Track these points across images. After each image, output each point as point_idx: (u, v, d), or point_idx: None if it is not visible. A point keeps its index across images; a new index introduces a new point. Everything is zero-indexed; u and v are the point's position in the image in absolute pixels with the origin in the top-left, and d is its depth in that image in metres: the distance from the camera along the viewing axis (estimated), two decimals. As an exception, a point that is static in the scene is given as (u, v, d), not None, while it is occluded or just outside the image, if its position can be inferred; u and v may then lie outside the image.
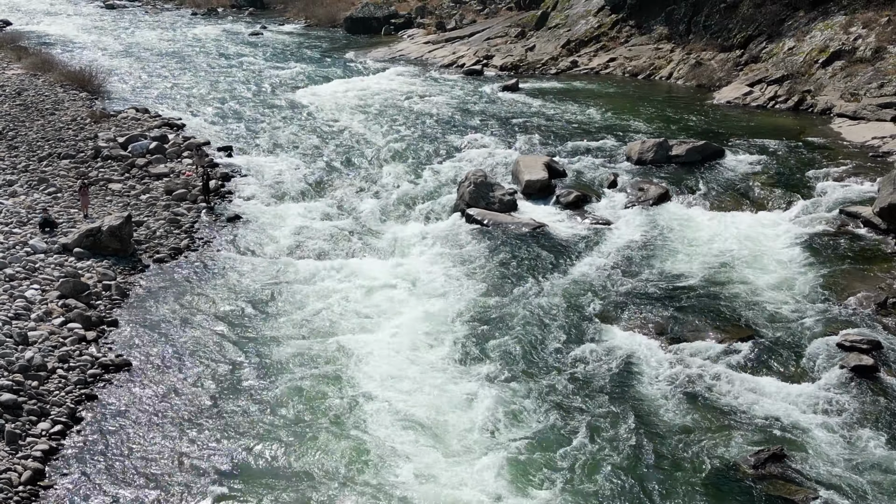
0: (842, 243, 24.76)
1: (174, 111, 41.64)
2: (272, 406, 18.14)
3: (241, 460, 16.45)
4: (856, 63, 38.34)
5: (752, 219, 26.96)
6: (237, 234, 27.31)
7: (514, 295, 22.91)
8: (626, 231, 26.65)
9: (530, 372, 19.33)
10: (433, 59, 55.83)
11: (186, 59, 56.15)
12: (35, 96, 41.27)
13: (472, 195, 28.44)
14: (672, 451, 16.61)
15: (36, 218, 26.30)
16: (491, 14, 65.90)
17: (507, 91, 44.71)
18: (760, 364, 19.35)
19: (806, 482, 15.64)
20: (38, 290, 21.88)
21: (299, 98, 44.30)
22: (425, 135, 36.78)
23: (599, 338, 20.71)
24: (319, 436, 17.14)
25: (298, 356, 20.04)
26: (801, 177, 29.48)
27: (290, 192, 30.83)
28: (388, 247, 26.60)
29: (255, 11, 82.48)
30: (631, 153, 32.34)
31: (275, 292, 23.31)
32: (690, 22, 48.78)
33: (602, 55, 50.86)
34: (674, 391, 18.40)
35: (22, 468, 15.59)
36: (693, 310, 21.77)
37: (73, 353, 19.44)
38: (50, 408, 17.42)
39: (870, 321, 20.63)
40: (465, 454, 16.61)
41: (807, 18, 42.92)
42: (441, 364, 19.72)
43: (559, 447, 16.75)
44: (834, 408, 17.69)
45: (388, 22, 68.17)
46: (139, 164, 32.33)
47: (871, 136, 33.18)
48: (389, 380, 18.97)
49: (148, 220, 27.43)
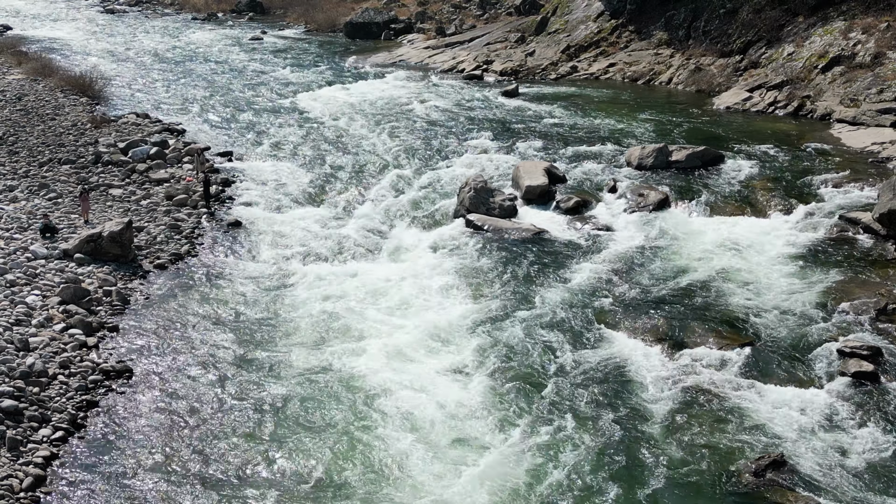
0: (841, 249, 24.78)
1: (174, 116, 41.68)
2: (273, 412, 18.14)
3: (242, 466, 16.45)
4: (855, 68, 38.38)
5: (752, 224, 26.98)
6: (238, 239, 27.35)
7: (514, 301, 22.93)
8: (626, 237, 26.68)
9: (531, 378, 19.33)
10: (433, 64, 55.90)
11: (186, 64, 56.21)
12: (35, 101, 41.30)
13: (472, 201, 28.47)
14: (672, 457, 16.61)
15: (37, 223, 26.32)
16: (491, 19, 65.98)
17: (507, 96, 44.76)
18: (760, 370, 19.36)
19: (806, 489, 15.65)
20: (39, 296, 21.90)
21: (299, 103, 44.36)
22: (425, 140, 36.83)
23: (600, 344, 20.73)
24: (321, 442, 17.15)
25: (299, 361, 20.06)
26: (801, 182, 29.52)
27: (290, 197, 30.88)
28: (388, 252, 26.63)
29: (255, 16, 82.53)
30: (631, 158, 32.38)
31: (275, 298, 23.33)
32: (690, 27, 48.86)
33: (602, 60, 50.92)
34: (674, 398, 18.41)
35: (23, 474, 15.59)
36: (693, 316, 21.79)
37: (74, 359, 19.45)
38: (51, 414, 17.43)
39: (870, 327, 20.64)
40: (465, 460, 16.62)
41: (806, 24, 42.98)
42: (442, 370, 19.72)
43: (559, 452, 16.76)
44: (834, 414, 17.70)
45: (388, 27, 68.22)
46: (140, 170, 32.37)
47: (871, 141, 33.21)
48: (390, 385, 18.97)
49: (148, 226, 27.46)
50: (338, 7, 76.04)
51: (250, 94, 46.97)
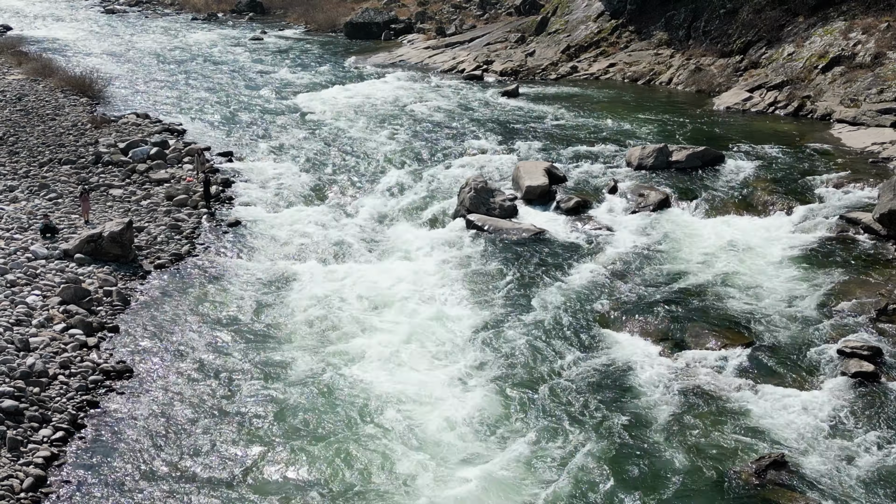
0: (842, 249, 24.78)
1: (174, 116, 41.69)
2: (274, 412, 18.14)
3: (243, 467, 16.45)
4: (855, 69, 38.39)
5: (752, 224, 26.99)
6: (238, 239, 27.36)
7: (514, 301, 22.93)
8: (626, 237, 26.68)
9: (531, 380, 19.33)
10: (433, 64, 55.91)
11: (186, 65, 56.21)
12: (35, 102, 41.31)
13: (472, 201, 28.48)
14: (673, 458, 16.61)
15: (37, 224, 26.33)
16: (491, 19, 65.99)
17: (507, 96, 44.77)
18: (761, 370, 19.36)
19: (807, 489, 15.65)
20: (40, 296, 21.90)
21: (299, 103, 44.36)
22: (426, 140, 36.83)
23: (600, 344, 20.74)
24: (321, 445, 17.14)
25: (298, 362, 20.06)
26: (801, 182, 29.51)
27: (290, 197, 30.89)
28: (388, 252, 26.63)
29: (255, 17, 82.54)
30: (631, 159, 32.38)
31: (276, 298, 23.34)
32: (690, 27, 48.87)
33: (602, 60, 50.93)
34: (674, 398, 18.41)
35: (24, 475, 15.59)
36: (693, 316, 21.79)
37: (74, 359, 19.46)
38: (51, 414, 17.43)
39: (870, 327, 20.64)
40: (464, 461, 16.61)
41: (806, 24, 42.99)
42: (442, 370, 19.71)
43: (559, 453, 16.75)
44: (835, 414, 17.69)
45: (389, 27, 68.22)
46: (140, 170, 32.38)
47: (871, 141, 33.21)
48: (390, 386, 18.97)
49: (149, 226, 27.46)
50: (338, 7, 76.06)
51: (250, 95, 46.98)
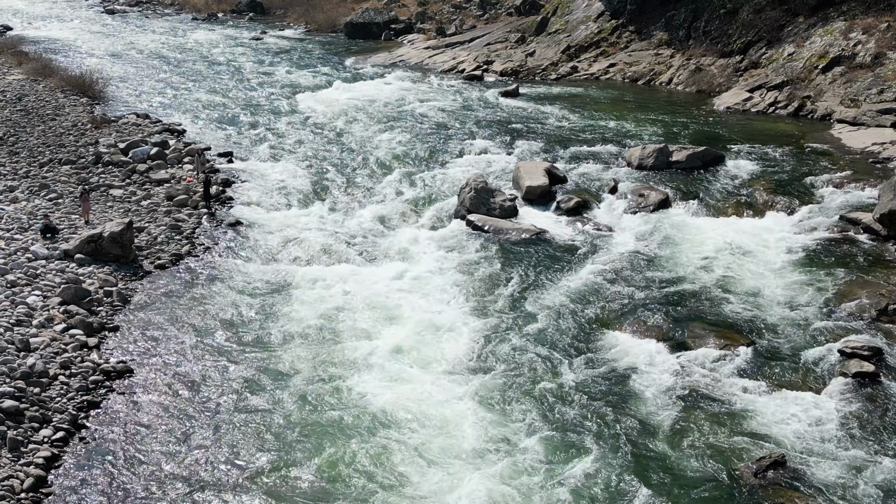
0: (842, 249, 24.79)
1: (175, 117, 41.68)
2: (274, 413, 18.15)
3: (243, 467, 16.46)
4: (855, 69, 38.40)
5: (753, 225, 27.00)
6: (238, 239, 27.35)
7: (515, 302, 22.94)
8: (626, 237, 26.69)
9: (532, 381, 19.32)
10: (433, 64, 55.91)
11: (187, 65, 56.19)
12: (36, 102, 41.30)
13: (472, 201, 28.48)
14: (673, 458, 16.62)
15: (37, 224, 26.32)
16: (491, 19, 65.99)
17: (507, 96, 44.76)
18: (761, 371, 19.37)
19: (807, 489, 15.65)
20: (40, 297, 21.90)
21: (300, 103, 44.34)
22: (426, 140, 36.83)
23: (601, 345, 20.74)
24: (323, 443, 17.15)
25: (299, 362, 20.06)
26: (802, 183, 29.51)
27: (290, 197, 30.89)
28: (388, 253, 26.61)
29: (255, 17, 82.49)
30: (631, 159, 32.38)
31: (276, 298, 23.33)
32: (690, 27, 48.88)
33: (602, 60, 50.94)
34: (675, 398, 18.42)
35: (24, 475, 15.60)
36: (694, 316, 21.79)
37: (74, 359, 19.46)
38: (52, 414, 17.43)
39: (871, 327, 20.65)
40: (465, 462, 16.61)
41: (806, 24, 42.99)
42: (442, 370, 19.73)
43: (560, 452, 16.77)
44: (835, 414, 17.69)
45: (389, 27, 68.20)
46: (140, 170, 32.37)
47: (871, 141, 33.22)
48: (390, 386, 18.98)
49: (149, 226, 27.46)
50: (338, 7, 76.02)
51: (250, 95, 46.98)
